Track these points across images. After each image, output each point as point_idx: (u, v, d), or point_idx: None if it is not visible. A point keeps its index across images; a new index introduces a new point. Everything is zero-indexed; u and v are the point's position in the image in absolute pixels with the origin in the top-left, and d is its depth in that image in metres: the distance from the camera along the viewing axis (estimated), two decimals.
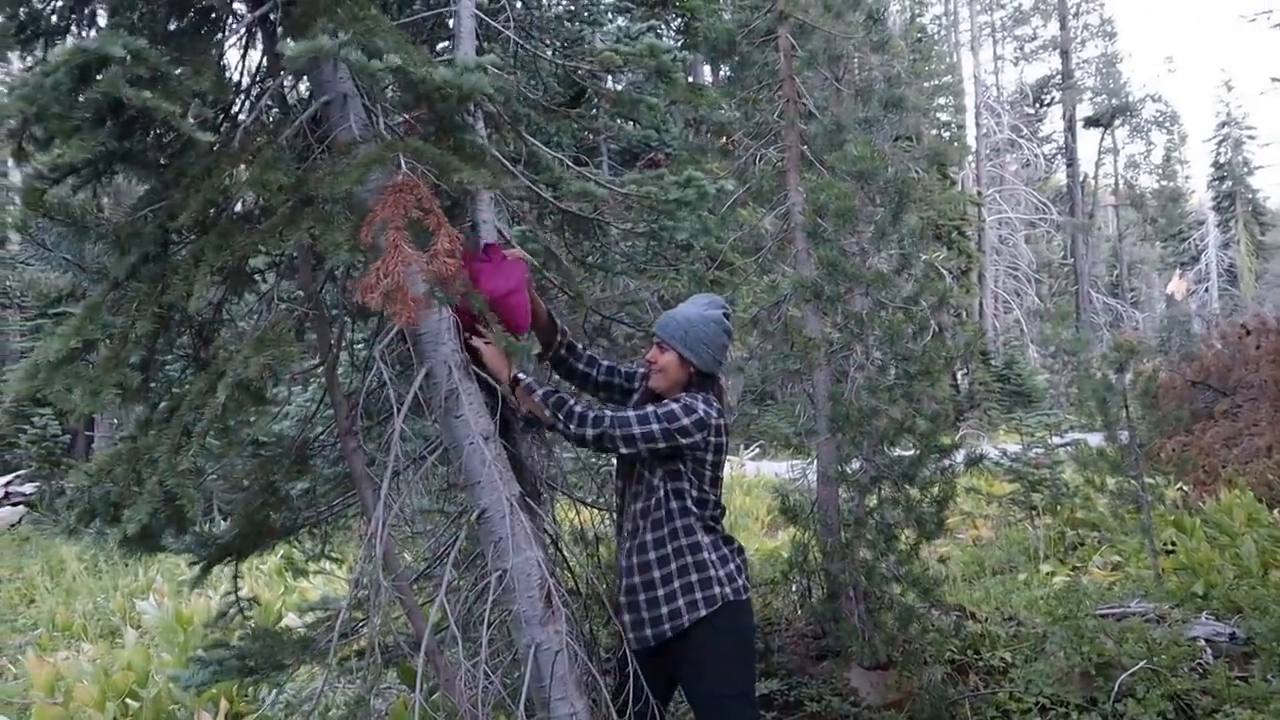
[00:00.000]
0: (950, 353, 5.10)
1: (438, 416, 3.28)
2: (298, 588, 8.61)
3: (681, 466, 3.07)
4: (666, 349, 3.12)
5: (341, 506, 4.18)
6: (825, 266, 4.76)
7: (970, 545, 9.93)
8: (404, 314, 2.43)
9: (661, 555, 3.07)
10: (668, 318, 3.19)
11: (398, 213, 2.51)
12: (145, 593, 9.86)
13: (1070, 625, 5.27)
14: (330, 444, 4.08)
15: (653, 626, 3.09)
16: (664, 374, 3.13)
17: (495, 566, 3.17)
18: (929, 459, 4.88)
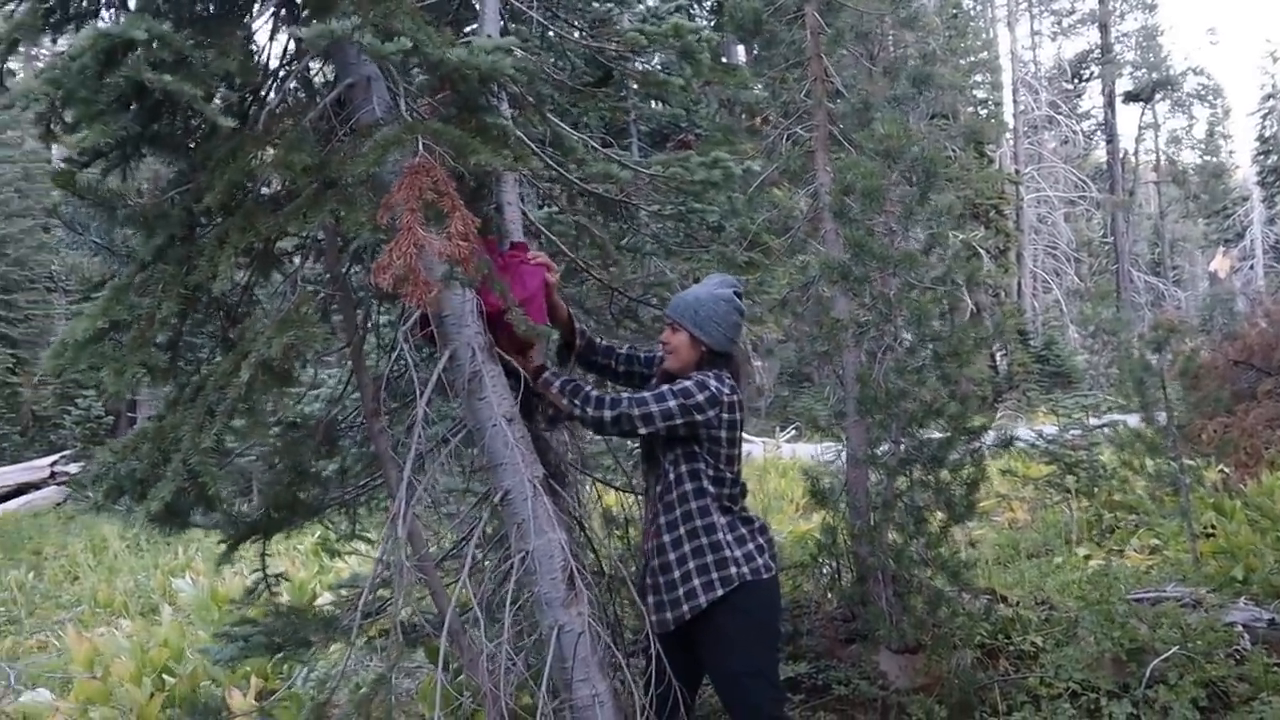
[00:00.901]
0: (981, 333, 5.02)
1: (461, 398, 3.29)
2: (333, 567, 8.73)
3: (697, 447, 3.07)
4: (678, 329, 3.14)
5: (370, 486, 4.22)
6: (852, 247, 4.71)
7: (1006, 528, 9.84)
8: (416, 295, 2.43)
9: (675, 537, 3.07)
10: (678, 298, 3.20)
11: (413, 194, 2.51)
12: (184, 571, 10.04)
13: (1101, 610, 5.20)
14: (357, 424, 4.12)
15: (672, 609, 3.09)
16: (676, 354, 3.14)
17: (518, 548, 3.19)
18: (958, 441, 4.82)
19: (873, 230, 4.84)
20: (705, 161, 3.93)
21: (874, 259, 4.70)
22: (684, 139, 7.83)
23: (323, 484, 4.07)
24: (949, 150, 23.20)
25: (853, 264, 4.80)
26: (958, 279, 4.95)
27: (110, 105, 2.61)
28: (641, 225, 5.26)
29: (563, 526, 3.29)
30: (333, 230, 3.41)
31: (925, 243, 5.01)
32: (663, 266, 6.07)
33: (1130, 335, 8.80)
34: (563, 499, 3.48)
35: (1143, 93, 38.73)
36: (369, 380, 3.52)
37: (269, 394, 2.94)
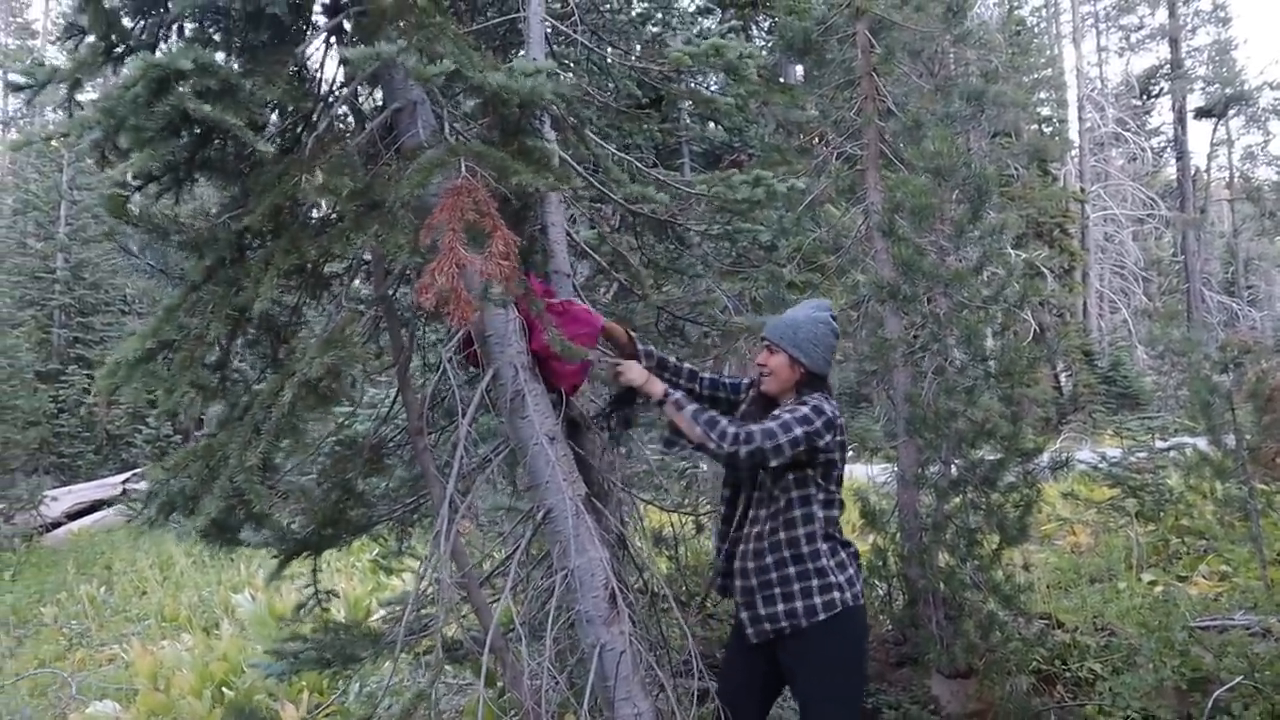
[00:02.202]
0: (1035, 353, 4.92)
1: (504, 417, 3.32)
2: (388, 584, 8.82)
3: (811, 470, 3.05)
4: (776, 351, 3.13)
5: (417, 504, 4.26)
6: (902, 265, 4.66)
7: (1067, 552, 9.60)
8: (458, 314, 2.46)
9: (779, 558, 3.04)
10: (776, 321, 3.19)
11: (455, 215, 2.54)
12: (244, 587, 10.22)
13: (1162, 636, 5.04)
14: (404, 443, 4.16)
15: (770, 622, 3.06)
16: (775, 376, 3.13)
17: (560, 566, 3.19)
18: (1011, 463, 4.72)
19: (923, 249, 4.79)
20: (748, 180, 3.93)
21: (924, 277, 4.65)
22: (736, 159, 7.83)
23: (369, 502, 4.13)
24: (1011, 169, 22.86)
25: (902, 282, 4.75)
26: (1011, 298, 4.86)
27: (160, 132, 2.69)
28: (692, 245, 5.27)
29: (605, 545, 3.29)
30: (379, 252, 3.48)
31: (977, 261, 4.94)
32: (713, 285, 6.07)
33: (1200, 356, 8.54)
34: (605, 518, 3.49)
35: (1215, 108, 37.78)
36: (415, 399, 3.57)
37: (312, 413, 2.98)
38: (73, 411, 22.86)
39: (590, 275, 4.65)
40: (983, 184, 4.75)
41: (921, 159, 4.83)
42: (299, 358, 2.94)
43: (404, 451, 4.16)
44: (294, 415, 2.93)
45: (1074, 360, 24.93)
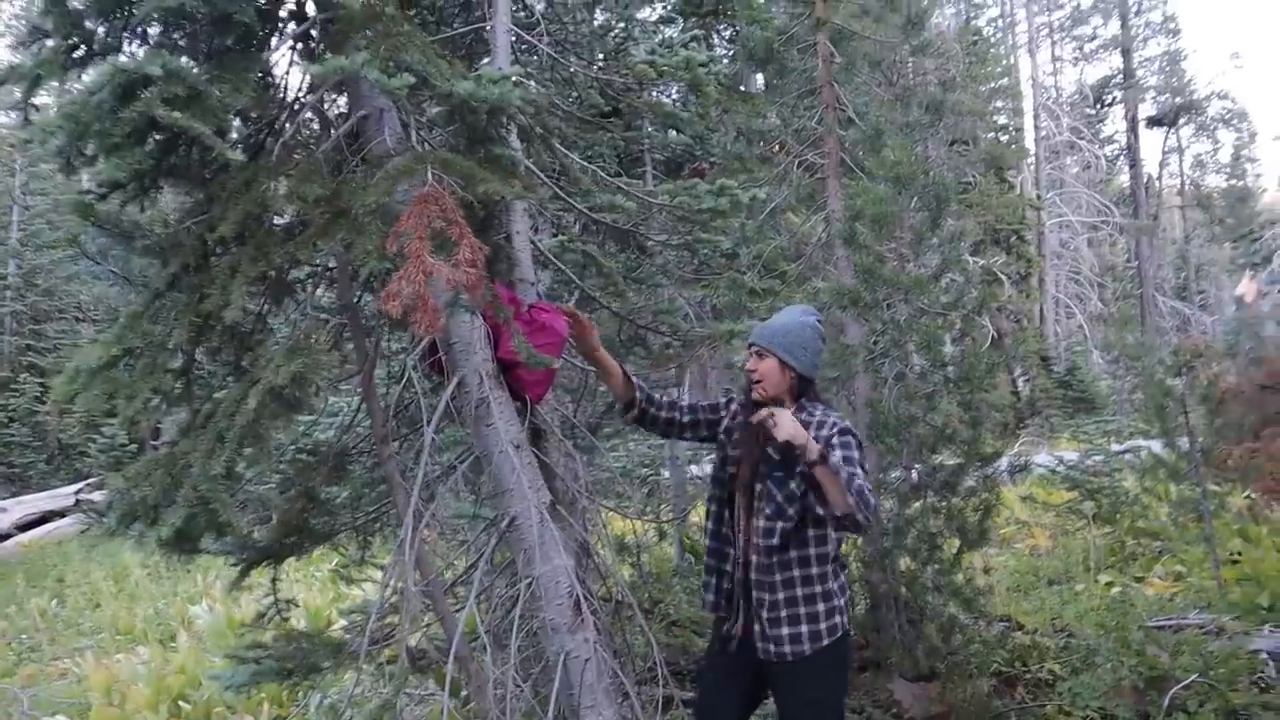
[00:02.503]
0: (994, 358, 5.02)
1: (470, 425, 3.33)
2: (349, 594, 8.76)
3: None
4: (765, 355, 3.10)
5: (381, 513, 4.26)
6: (863, 273, 4.73)
7: (1026, 555, 9.75)
8: (425, 322, 2.47)
9: (788, 578, 2.96)
10: (763, 326, 3.18)
11: (421, 223, 2.55)
12: (201, 598, 10.10)
13: (1119, 637, 5.15)
14: (368, 451, 4.16)
15: (776, 644, 2.99)
16: (767, 380, 3.09)
17: (525, 574, 3.21)
18: (972, 467, 4.81)
19: (883, 256, 4.87)
20: (712, 190, 3.97)
21: (884, 284, 4.73)
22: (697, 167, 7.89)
23: (333, 510, 4.11)
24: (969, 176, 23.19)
25: (863, 289, 4.82)
26: (969, 304, 4.95)
27: (127, 139, 2.68)
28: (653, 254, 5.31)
29: (569, 553, 3.32)
30: (344, 259, 3.47)
31: (936, 268, 5.03)
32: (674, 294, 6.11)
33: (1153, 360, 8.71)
34: (569, 525, 3.51)
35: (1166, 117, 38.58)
36: (379, 407, 3.56)
37: (277, 422, 2.97)
38: (24, 421, 22.43)
39: (552, 284, 4.67)
40: (941, 192, 4.83)
41: (881, 167, 4.91)
42: (264, 365, 2.93)
43: (367, 459, 4.16)
44: (258, 423, 2.91)
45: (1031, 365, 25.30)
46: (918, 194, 4.92)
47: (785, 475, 2.97)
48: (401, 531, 3.20)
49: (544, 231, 4.53)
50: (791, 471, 2.92)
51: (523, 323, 3.29)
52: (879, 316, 5.09)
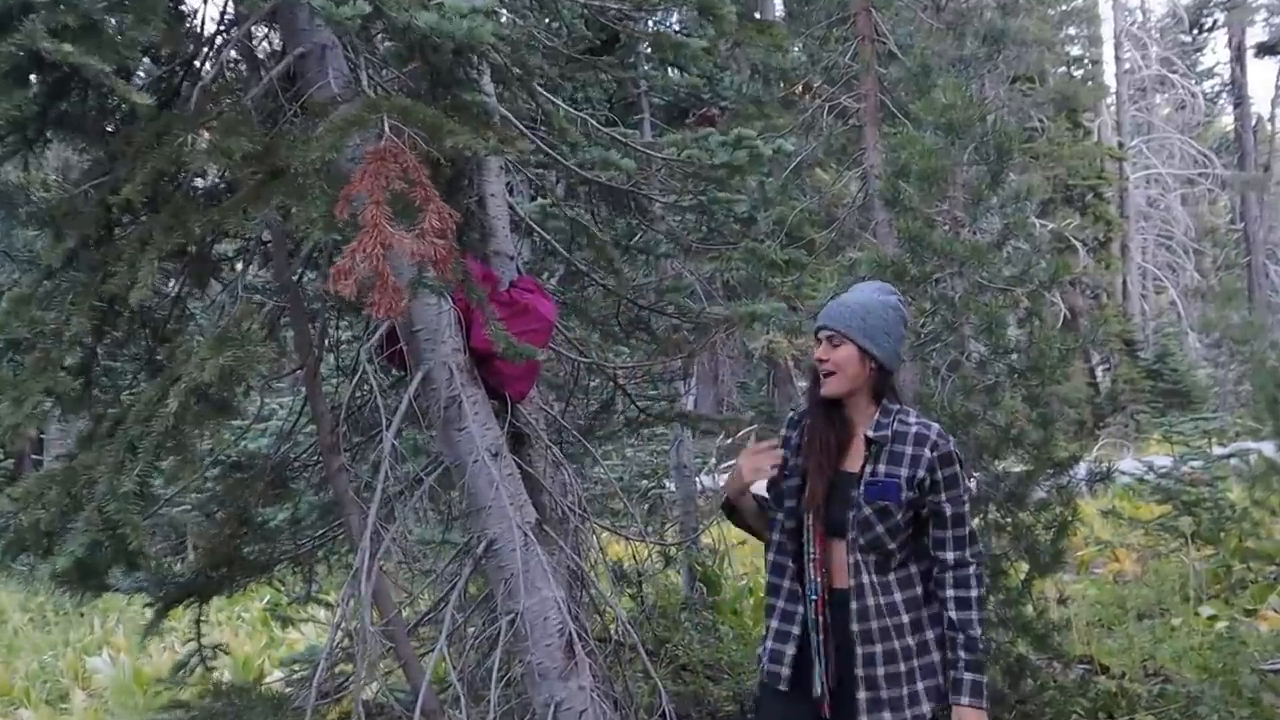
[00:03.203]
0: (1070, 343, 5.06)
1: (437, 429, 3.37)
2: (285, 638, 8.80)
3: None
4: (841, 342, 3.06)
5: (328, 538, 4.30)
6: (908, 240, 4.77)
7: (1109, 582, 9.80)
8: (385, 304, 2.50)
9: (895, 625, 2.98)
10: (837, 306, 3.14)
11: (378, 185, 2.59)
12: (101, 648, 10.09)
13: (1227, 682, 5.21)
14: (313, 463, 4.20)
15: (892, 709, 3.01)
16: (842, 373, 3.05)
17: (506, 609, 3.26)
18: (1042, 475, 4.86)
19: (933, 220, 4.90)
20: (727, 141, 4.00)
21: (934, 254, 4.76)
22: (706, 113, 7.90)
23: (270, 536, 4.15)
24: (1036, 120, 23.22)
25: (909, 261, 4.85)
26: (1038, 277, 4.99)
27: (5, 79, 2.68)
28: (654, 219, 5.34)
29: (559, 583, 3.36)
30: (281, 230, 3.51)
31: (999, 234, 5.07)
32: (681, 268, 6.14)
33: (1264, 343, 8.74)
34: (559, 550, 3.56)
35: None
36: (326, 409, 3.60)
37: (203, 427, 3.01)
38: None
39: (535, 257, 4.71)
40: (1003, 141, 4.86)
41: (930, 112, 4.94)
42: (183, 359, 2.96)
43: (313, 473, 4.20)
44: (179, 429, 2.94)
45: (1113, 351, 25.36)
46: (974, 143, 4.95)
47: (884, 491, 2.94)
48: (355, 560, 3.24)
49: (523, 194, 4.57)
50: (889, 491, 2.92)
51: (500, 305, 3.33)
52: (928, 294, 5.12)
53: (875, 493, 2.92)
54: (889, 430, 2.97)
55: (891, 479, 2.91)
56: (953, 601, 2.96)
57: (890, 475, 2.92)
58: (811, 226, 6.59)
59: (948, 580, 2.99)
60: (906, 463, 2.92)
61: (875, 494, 2.92)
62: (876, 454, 2.94)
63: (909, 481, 2.91)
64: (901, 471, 2.92)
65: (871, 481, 2.93)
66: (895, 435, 2.96)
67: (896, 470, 2.92)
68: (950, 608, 2.97)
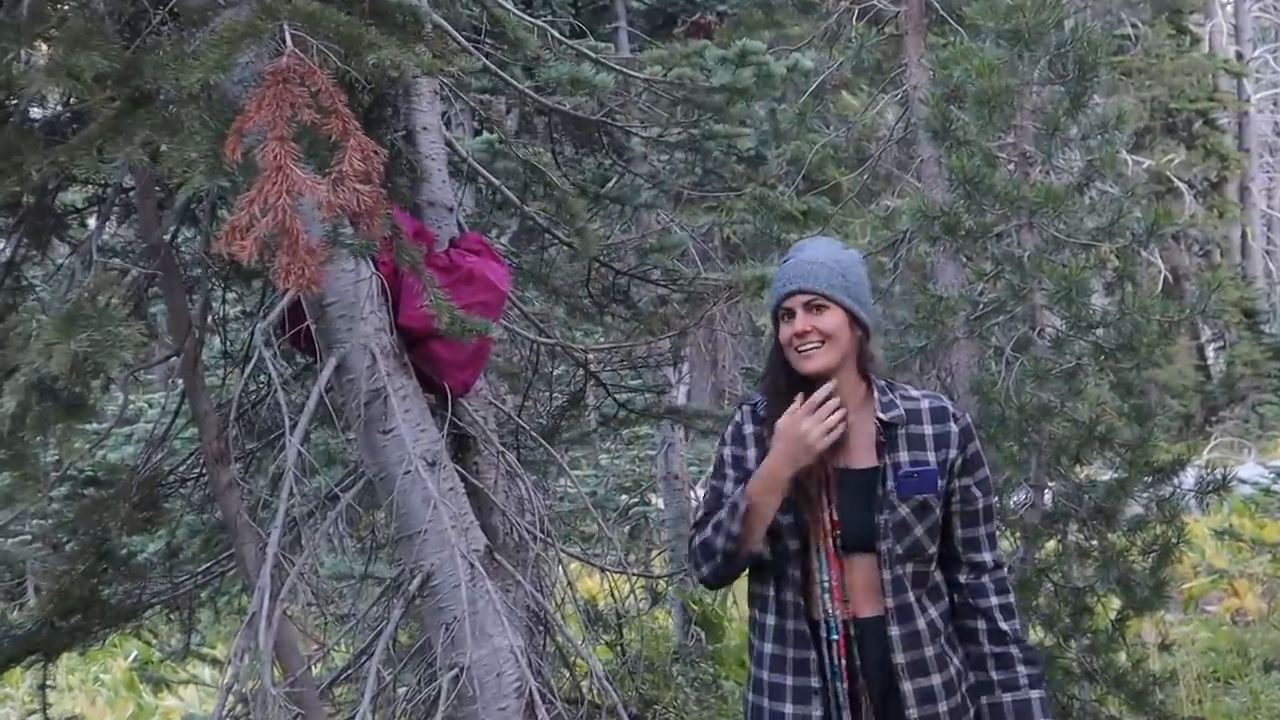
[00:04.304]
0: (1176, 314, 5.10)
1: (356, 432, 3.38)
2: (158, 707, 8.79)
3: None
4: (827, 307, 3.10)
5: (214, 574, 4.31)
6: (963, 183, 4.79)
7: (1226, 623, 9.88)
8: (294, 270, 2.51)
9: (939, 655, 3.04)
10: (807, 265, 3.14)
11: (280, 115, 2.59)
12: None
13: None
14: (193, 477, 4.20)
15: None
16: (835, 342, 3.06)
17: (448, 662, 3.28)
18: (1138, 484, 4.90)
19: (994, 157, 4.93)
20: (727, 56, 4.02)
21: (996, 201, 4.79)
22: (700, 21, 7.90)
23: (138, 572, 4.15)
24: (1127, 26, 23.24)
25: (964, 210, 4.88)
26: (1130, 230, 5.03)
27: None
28: (634, 159, 5.34)
29: (517, 628, 3.39)
30: (148, 175, 3.50)
31: (1080, 175, 5.09)
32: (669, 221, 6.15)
33: None
34: (516, 584, 3.58)
35: None
36: (211, 408, 3.61)
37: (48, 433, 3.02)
38: None
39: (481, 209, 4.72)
40: (1085, 53, 4.89)
41: (990, 16, 4.95)
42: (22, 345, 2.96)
43: (194, 489, 4.20)
44: (16, 437, 2.96)
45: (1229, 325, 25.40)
46: (1047, 56, 4.98)
47: (922, 482, 2.98)
48: (250, 602, 3.25)
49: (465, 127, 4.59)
50: (926, 482, 2.97)
51: (438, 270, 3.34)
52: (989, 252, 5.16)
53: (912, 486, 2.95)
54: (900, 409, 3.02)
55: (924, 466, 2.97)
56: (999, 610, 3.03)
57: (920, 462, 2.97)
58: (837, 167, 6.59)
59: (988, 587, 3.05)
60: (932, 444, 2.99)
61: (912, 487, 2.95)
62: (893, 440, 2.98)
63: (942, 466, 2.97)
64: (930, 456, 2.98)
65: (907, 474, 2.96)
66: (908, 414, 3.02)
67: (924, 455, 2.98)
68: (998, 618, 3.03)
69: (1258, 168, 30.93)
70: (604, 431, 5.96)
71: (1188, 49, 27.23)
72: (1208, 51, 28.81)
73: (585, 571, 4.49)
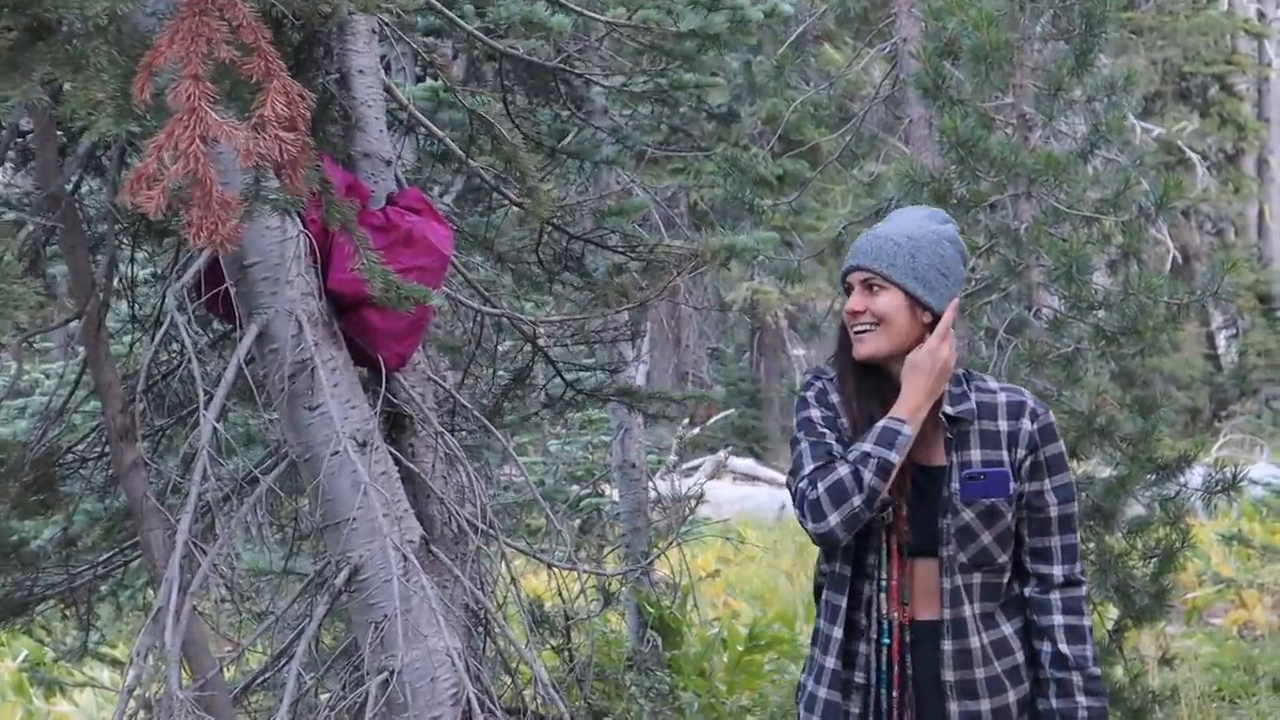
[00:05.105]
0: (1184, 296, 5.13)
1: (279, 408, 3.36)
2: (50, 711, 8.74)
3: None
4: (884, 288, 3.05)
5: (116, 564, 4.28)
6: (955, 147, 4.80)
7: (1233, 637, 9.96)
8: (209, 226, 2.49)
9: (1009, 670, 3.05)
10: (875, 239, 3.10)
11: (195, 51, 2.56)
12: None
13: None
14: (94, 456, 4.17)
15: None
16: (888, 329, 3.03)
17: (377, 665, 3.27)
18: (1139, 482, 4.93)
19: (990, 119, 4.94)
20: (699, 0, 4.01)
21: (992, 168, 4.80)
22: None
23: (28, 561, 4.13)
24: None
25: (955, 176, 4.89)
26: (1142, 203, 5.06)
27: None
28: (593, 112, 5.32)
29: (455, 628, 3.38)
30: (48, 117, 3.47)
31: (1084, 141, 5.11)
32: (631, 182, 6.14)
33: None
34: (455, 580, 3.57)
35: None
36: (116, 378, 3.58)
37: None
38: None
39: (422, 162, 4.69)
40: (1092, 7, 4.90)
41: None
42: None
43: (95, 470, 4.17)
44: None
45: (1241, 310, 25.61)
46: (1051, 10, 4.99)
47: (990, 485, 2.95)
48: (157, 596, 3.23)
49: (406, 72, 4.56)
50: (995, 485, 2.94)
51: (374, 229, 3.32)
52: (982, 224, 5.17)
53: (978, 489, 2.92)
54: (972, 403, 2.99)
55: (995, 468, 2.93)
56: (1063, 631, 2.99)
57: (991, 463, 2.93)
58: (817, 126, 6.59)
59: (1055, 604, 3.02)
60: (1005, 443, 2.95)
61: (978, 490, 2.92)
62: (962, 437, 2.96)
63: (1014, 468, 2.93)
64: (1003, 456, 2.94)
65: (973, 475, 2.93)
66: (981, 408, 2.99)
67: (997, 455, 2.94)
68: (1060, 639, 2.99)
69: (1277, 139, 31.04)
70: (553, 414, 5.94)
71: (1204, 6, 27.37)
72: (1226, 9, 28.93)
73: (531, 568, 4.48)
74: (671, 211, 6.45)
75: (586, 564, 5.61)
